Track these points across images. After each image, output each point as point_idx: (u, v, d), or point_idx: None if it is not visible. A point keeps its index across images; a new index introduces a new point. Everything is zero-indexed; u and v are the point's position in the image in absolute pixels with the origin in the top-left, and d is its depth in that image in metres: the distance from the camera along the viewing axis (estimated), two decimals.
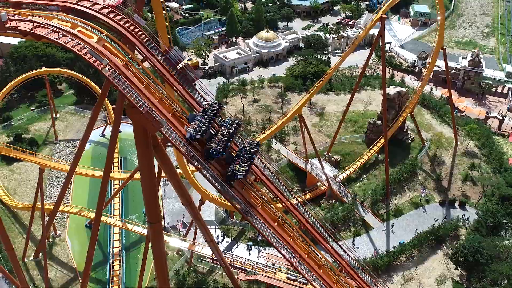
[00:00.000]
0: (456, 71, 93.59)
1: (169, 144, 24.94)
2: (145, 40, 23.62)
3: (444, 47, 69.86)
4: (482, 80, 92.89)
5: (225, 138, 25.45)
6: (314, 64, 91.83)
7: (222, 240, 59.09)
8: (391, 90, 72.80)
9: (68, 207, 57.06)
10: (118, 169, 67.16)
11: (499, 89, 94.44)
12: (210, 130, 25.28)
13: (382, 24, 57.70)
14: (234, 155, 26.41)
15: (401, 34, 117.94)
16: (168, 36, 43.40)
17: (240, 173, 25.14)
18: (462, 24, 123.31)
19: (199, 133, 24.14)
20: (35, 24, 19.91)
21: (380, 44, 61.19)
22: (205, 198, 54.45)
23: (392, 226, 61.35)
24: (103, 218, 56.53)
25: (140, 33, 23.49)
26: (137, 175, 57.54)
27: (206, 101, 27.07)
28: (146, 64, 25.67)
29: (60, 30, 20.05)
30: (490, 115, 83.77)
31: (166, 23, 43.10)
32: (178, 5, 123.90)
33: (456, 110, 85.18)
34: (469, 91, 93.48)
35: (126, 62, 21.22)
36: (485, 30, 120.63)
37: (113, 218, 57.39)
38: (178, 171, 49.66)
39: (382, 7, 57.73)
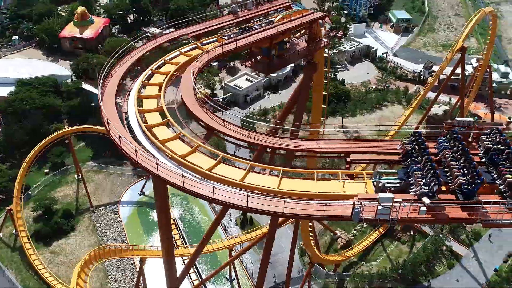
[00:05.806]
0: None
1: None
2: None
3: (490, 65, 70.80)
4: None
5: (463, 158, 19.51)
6: (332, 85, 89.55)
7: None
8: (438, 109, 72.76)
9: None
10: (179, 236, 60.58)
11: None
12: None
13: (463, 55, 56.92)
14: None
15: (388, 41, 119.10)
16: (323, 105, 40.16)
17: None
18: (441, 27, 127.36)
19: (435, 182, 18.22)
20: None
21: (460, 76, 59.79)
22: (315, 260, 50.23)
23: (490, 236, 61.77)
24: None
25: None
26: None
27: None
28: None
29: None
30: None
31: (325, 92, 39.98)
32: (159, 30, 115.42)
33: (476, 117, 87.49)
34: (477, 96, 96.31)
35: None
36: (464, 31, 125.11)
37: None
38: None
39: (460, 36, 56.66)
